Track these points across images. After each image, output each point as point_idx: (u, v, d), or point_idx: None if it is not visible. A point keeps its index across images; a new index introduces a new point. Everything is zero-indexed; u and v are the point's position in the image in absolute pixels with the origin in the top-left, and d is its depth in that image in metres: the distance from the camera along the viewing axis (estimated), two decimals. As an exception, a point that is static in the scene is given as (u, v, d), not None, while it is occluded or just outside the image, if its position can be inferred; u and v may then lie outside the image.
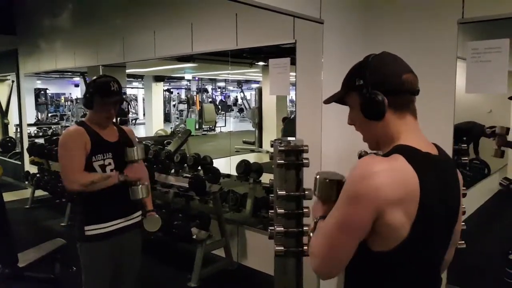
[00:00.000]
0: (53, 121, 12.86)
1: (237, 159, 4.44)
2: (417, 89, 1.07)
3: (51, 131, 9.38)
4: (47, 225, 5.17)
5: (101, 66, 5.40)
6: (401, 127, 1.05)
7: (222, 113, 17.81)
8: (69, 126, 6.31)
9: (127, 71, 6.29)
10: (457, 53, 2.39)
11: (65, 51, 6.24)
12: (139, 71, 9.63)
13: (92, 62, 5.61)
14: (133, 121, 16.97)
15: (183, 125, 13.68)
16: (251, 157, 5.79)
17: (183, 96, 18.61)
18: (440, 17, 2.45)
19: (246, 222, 4.03)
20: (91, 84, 2.17)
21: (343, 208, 0.98)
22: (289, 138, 2.15)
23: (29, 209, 5.89)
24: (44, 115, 12.76)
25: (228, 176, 4.85)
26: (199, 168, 4.43)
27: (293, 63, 3.19)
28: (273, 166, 2.09)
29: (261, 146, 8.52)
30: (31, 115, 8.38)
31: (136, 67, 7.79)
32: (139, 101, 18.52)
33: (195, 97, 16.41)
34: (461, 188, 1.16)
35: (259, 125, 8.69)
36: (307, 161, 2.01)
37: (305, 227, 1.99)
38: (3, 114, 8.65)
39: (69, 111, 15.37)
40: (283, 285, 2.13)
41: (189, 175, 3.98)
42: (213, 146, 11.14)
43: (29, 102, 7.90)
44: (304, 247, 2.00)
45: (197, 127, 14.16)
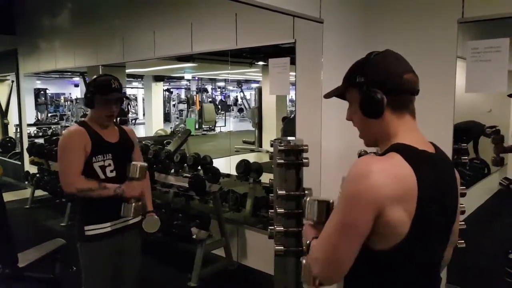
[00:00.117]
0: (52, 121, 12.83)
1: (237, 158, 4.43)
2: (417, 89, 1.07)
3: (50, 131, 9.39)
4: (47, 225, 5.17)
5: (100, 66, 5.39)
6: (399, 126, 1.05)
7: (222, 113, 17.82)
8: (69, 126, 6.29)
9: (127, 71, 6.27)
10: (457, 53, 2.40)
11: (64, 51, 6.24)
12: (139, 71, 9.63)
13: (91, 62, 5.61)
14: (133, 121, 16.94)
15: (183, 125, 13.65)
16: (251, 157, 5.79)
17: (183, 96, 18.60)
18: (440, 16, 2.45)
19: (246, 221, 4.03)
20: (91, 83, 2.17)
21: (342, 209, 0.98)
22: (289, 137, 2.15)
23: (29, 209, 5.88)
24: (44, 115, 12.75)
25: (228, 176, 4.85)
26: (199, 168, 4.41)
27: (292, 62, 3.19)
28: (273, 165, 2.10)
29: (261, 145, 8.52)
30: (31, 115, 8.39)
31: (136, 67, 7.78)
32: (139, 101, 18.51)
33: (195, 97, 16.39)
34: (459, 187, 1.16)
35: (259, 125, 8.68)
36: (307, 161, 2.01)
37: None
38: (3, 114, 8.65)
39: (69, 111, 15.34)
40: (283, 285, 2.13)
41: (189, 175, 3.97)
42: (213, 146, 11.14)
43: (29, 102, 7.89)
44: (304, 247, 2.00)
45: (197, 127, 14.15)
